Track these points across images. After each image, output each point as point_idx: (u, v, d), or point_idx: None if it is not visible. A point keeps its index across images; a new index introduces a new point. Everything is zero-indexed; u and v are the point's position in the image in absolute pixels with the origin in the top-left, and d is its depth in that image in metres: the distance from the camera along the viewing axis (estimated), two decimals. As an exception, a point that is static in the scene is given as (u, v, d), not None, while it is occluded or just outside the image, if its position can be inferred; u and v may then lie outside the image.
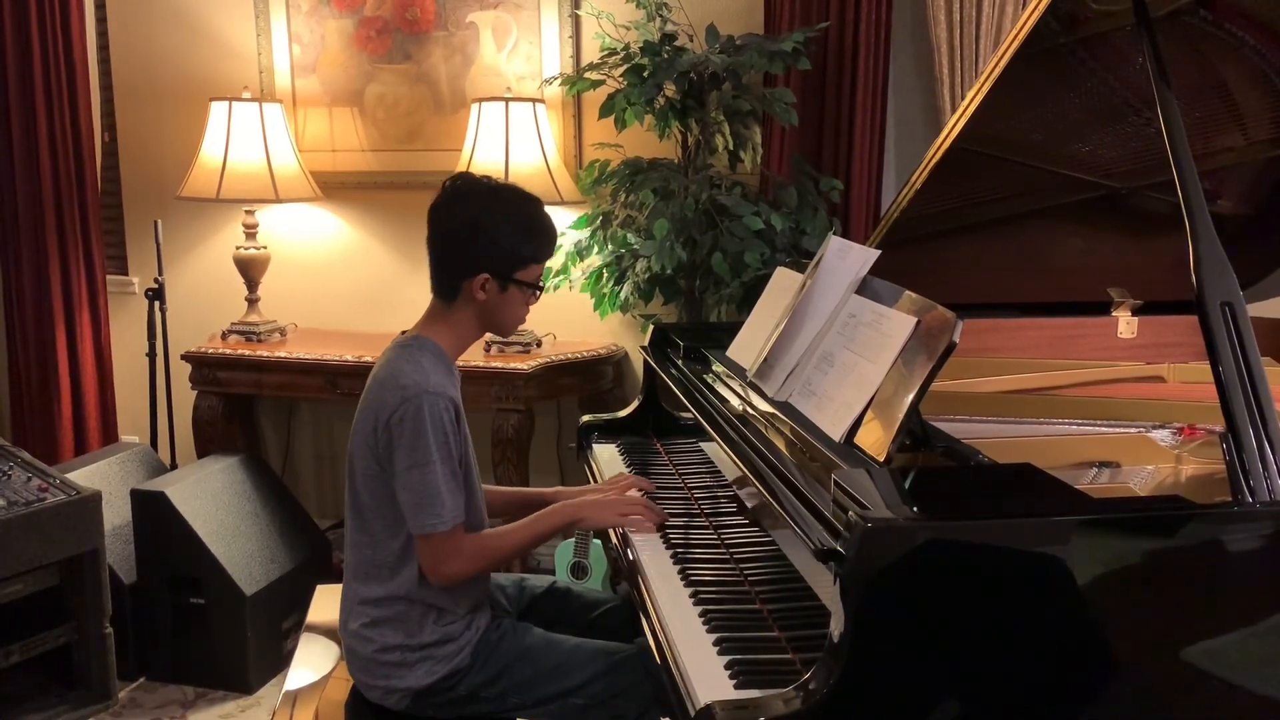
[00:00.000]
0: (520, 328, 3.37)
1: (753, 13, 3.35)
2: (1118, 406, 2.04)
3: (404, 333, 1.92)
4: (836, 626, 1.23)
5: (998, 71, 1.88)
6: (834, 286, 1.87)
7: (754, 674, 1.41)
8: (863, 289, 1.81)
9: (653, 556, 1.82)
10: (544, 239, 1.89)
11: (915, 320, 1.59)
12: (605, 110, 3.14)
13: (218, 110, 3.51)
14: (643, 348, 2.60)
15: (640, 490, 2.09)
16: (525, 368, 3.22)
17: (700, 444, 2.38)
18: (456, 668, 1.84)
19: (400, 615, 1.83)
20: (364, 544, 1.85)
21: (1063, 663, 1.27)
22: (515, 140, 3.31)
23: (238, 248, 3.63)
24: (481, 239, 1.82)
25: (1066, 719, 1.30)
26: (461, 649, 1.85)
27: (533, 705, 1.87)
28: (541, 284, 1.91)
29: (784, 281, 2.16)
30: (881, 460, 1.49)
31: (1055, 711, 1.29)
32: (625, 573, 1.86)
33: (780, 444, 1.66)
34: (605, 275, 3.30)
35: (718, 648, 1.49)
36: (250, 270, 3.64)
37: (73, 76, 3.80)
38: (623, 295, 3.26)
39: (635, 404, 2.62)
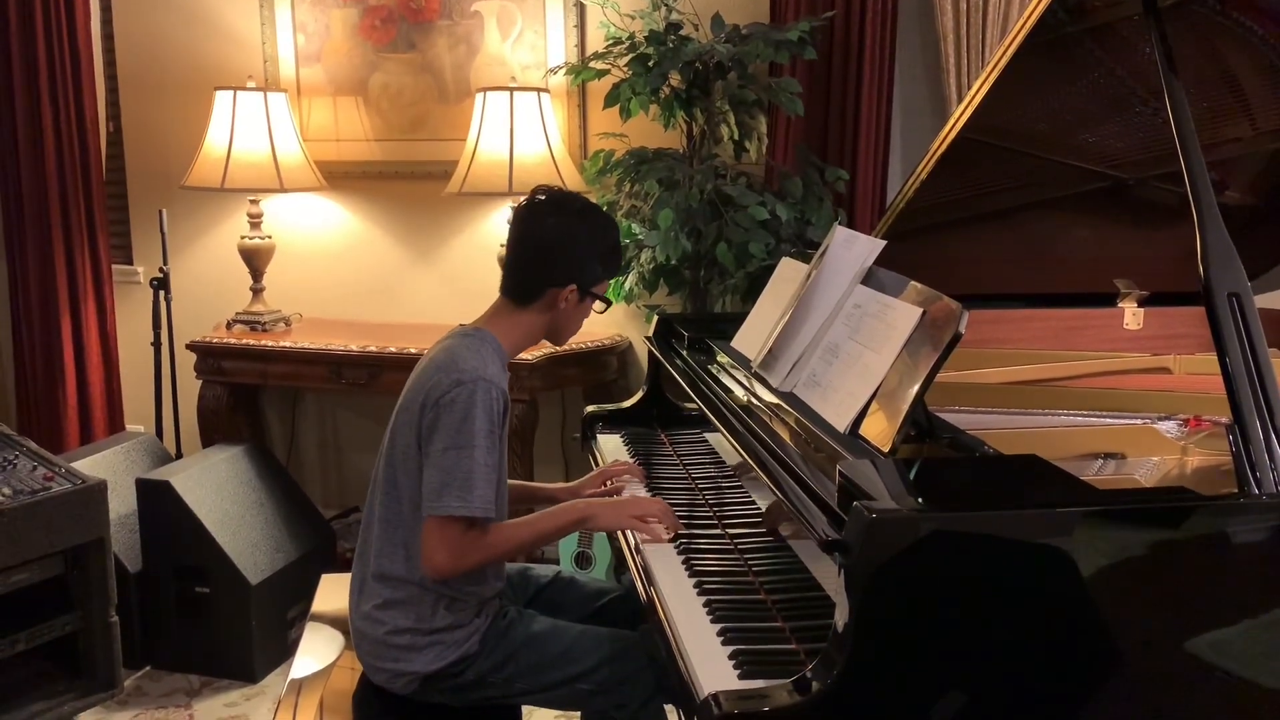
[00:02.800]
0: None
1: (758, 2, 3.34)
2: (1123, 398, 2.03)
3: (463, 325, 1.94)
4: (841, 617, 1.23)
5: (1004, 61, 1.88)
6: (839, 277, 1.86)
7: (758, 664, 1.41)
8: (868, 279, 1.81)
9: (657, 547, 1.82)
10: (621, 257, 2.06)
11: (921, 311, 1.59)
12: (610, 100, 3.13)
13: (222, 100, 3.51)
14: (647, 338, 2.60)
15: (636, 476, 2.13)
16: (530, 358, 3.22)
17: (705, 435, 2.38)
18: (465, 653, 1.85)
19: (413, 599, 1.84)
20: (389, 523, 1.86)
21: (1067, 654, 1.27)
22: (520, 130, 3.30)
23: (242, 237, 3.63)
24: (577, 252, 1.90)
25: (1070, 710, 1.30)
26: (471, 635, 1.85)
27: (539, 691, 1.88)
28: (609, 300, 2.01)
29: (789, 272, 2.16)
30: (886, 451, 1.49)
31: (1059, 702, 1.29)
32: (629, 563, 1.86)
33: (785, 435, 1.66)
34: (610, 265, 3.29)
35: (722, 638, 1.49)
36: (255, 260, 3.64)
37: (77, 66, 3.79)
38: (627, 285, 3.26)
39: (640, 394, 2.62)
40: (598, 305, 1.98)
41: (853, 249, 1.88)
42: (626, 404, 2.63)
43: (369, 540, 1.90)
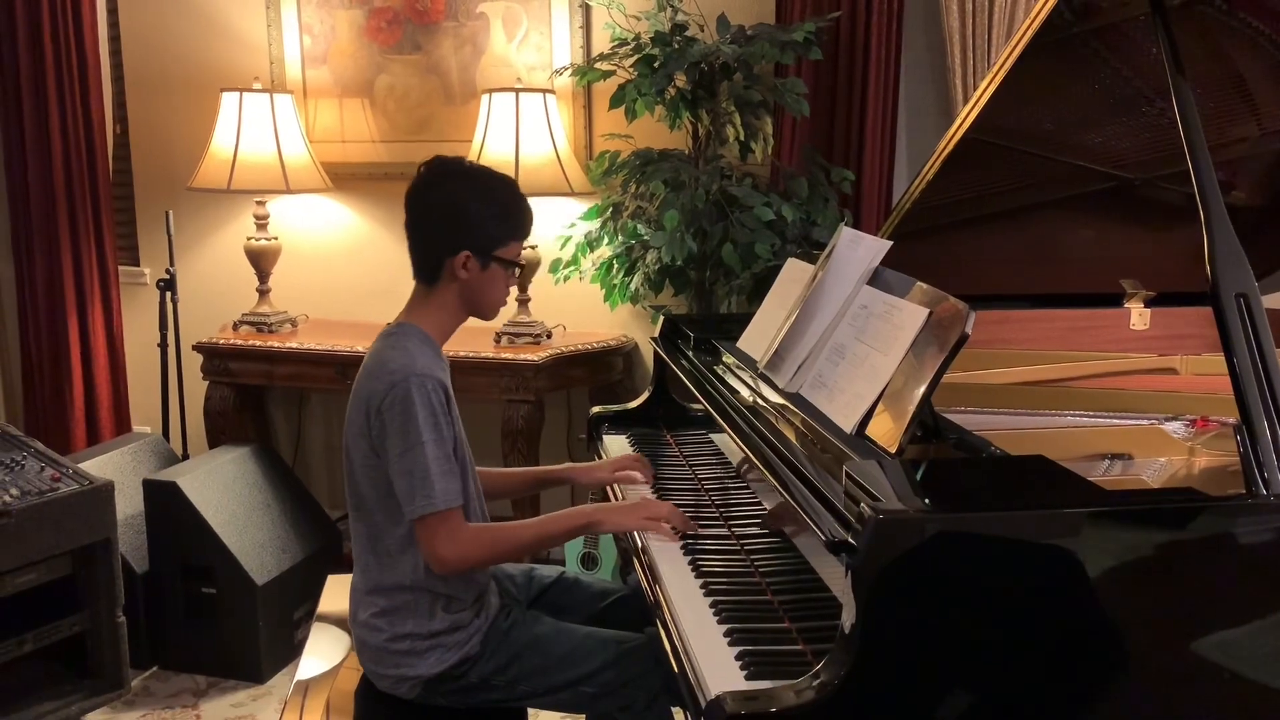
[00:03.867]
0: (529, 319, 3.38)
1: (764, 2, 3.34)
2: (1130, 398, 2.03)
3: (388, 324, 1.92)
4: (848, 618, 1.23)
5: (1010, 62, 1.87)
6: (845, 278, 1.86)
7: (765, 665, 1.41)
8: (874, 280, 1.81)
9: (663, 548, 1.82)
10: (521, 216, 1.92)
11: (927, 311, 1.59)
12: (616, 101, 3.13)
13: (229, 101, 3.51)
14: (653, 339, 2.60)
15: (644, 474, 2.14)
16: (535, 359, 3.22)
17: (710, 435, 2.38)
18: (467, 655, 1.85)
19: (408, 604, 1.84)
20: (367, 534, 1.86)
21: (1074, 655, 1.27)
22: (525, 131, 3.30)
23: (249, 238, 3.64)
24: (461, 216, 1.85)
25: (1078, 711, 1.30)
26: (471, 637, 1.85)
27: (543, 693, 1.87)
28: (522, 262, 1.93)
29: (795, 272, 2.16)
30: (893, 452, 1.49)
31: (1066, 703, 1.29)
32: (635, 564, 1.86)
33: (791, 435, 1.66)
34: (615, 266, 3.29)
35: (728, 639, 1.49)
36: (261, 261, 3.65)
37: (84, 68, 3.80)
38: (633, 286, 3.26)
39: (645, 395, 2.62)
40: (517, 270, 1.91)
41: (858, 249, 1.88)
42: (632, 405, 2.63)
43: (356, 556, 1.91)
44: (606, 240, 3.34)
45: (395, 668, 1.84)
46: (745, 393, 1.94)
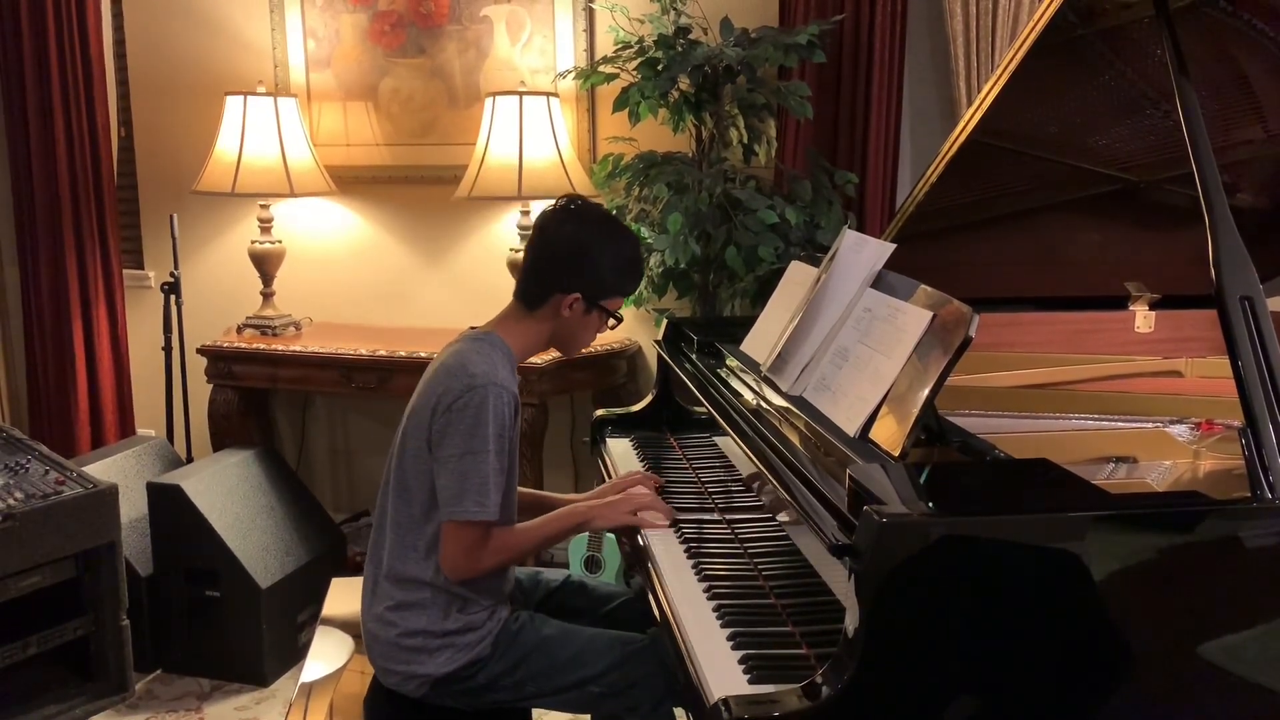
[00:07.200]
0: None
1: (767, 5, 3.34)
2: (1135, 401, 2.03)
3: (473, 328, 1.95)
4: (851, 622, 1.23)
5: (1014, 64, 1.87)
6: (849, 280, 1.86)
7: (768, 669, 1.40)
8: (878, 283, 1.81)
9: (666, 551, 1.82)
10: (637, 275, 2.01)
11: (931, 315, 1.59)
12: (619, 104, 3.13)
13: (233, 105, 3.52)
14: (656, 342, 2.60)
15: (649, 487, 2.09)
16: (539, 362, 3.22)
17: (714, 438, 2.38)
18: (477, 657, 1.85)
19: (426, 601, 1.85)
20: (401, 525, 1.87)
21: (1079, 659, 1.27)
22: (529, 134, 3.30)
23: (253, 242, 3.65)
24: (585, 262, 1.90)
25: (1082, 715, 1.30)
26: (483, 638, 1.86)
27: (550, 694, 1.88)
28: (620, 315, 1.99)
29: (798, 275, 2.16)
30: (896, 455, 1.49)
31: (1071, 707, 1.29)
32: (639, 567, 1.86)
33: (794, 439, 1.66)
34: (619, 269, 3.29)
35: (731, 642, 1.49)
36: (265, 264, 3.65)
37: (89, 72, 3.81)
38: (636, 289, 3.25)
39: (649, 398, 2.62)
40: (612, 321, 1.98)
41: (862, 252, 1.88)
42: (636, 408, 2.63)
43: (381, 542, 1.91)
44: (610, 243, 3.33)
45: (405, 665, 1.85)
46: (749, 396, 1.94)
